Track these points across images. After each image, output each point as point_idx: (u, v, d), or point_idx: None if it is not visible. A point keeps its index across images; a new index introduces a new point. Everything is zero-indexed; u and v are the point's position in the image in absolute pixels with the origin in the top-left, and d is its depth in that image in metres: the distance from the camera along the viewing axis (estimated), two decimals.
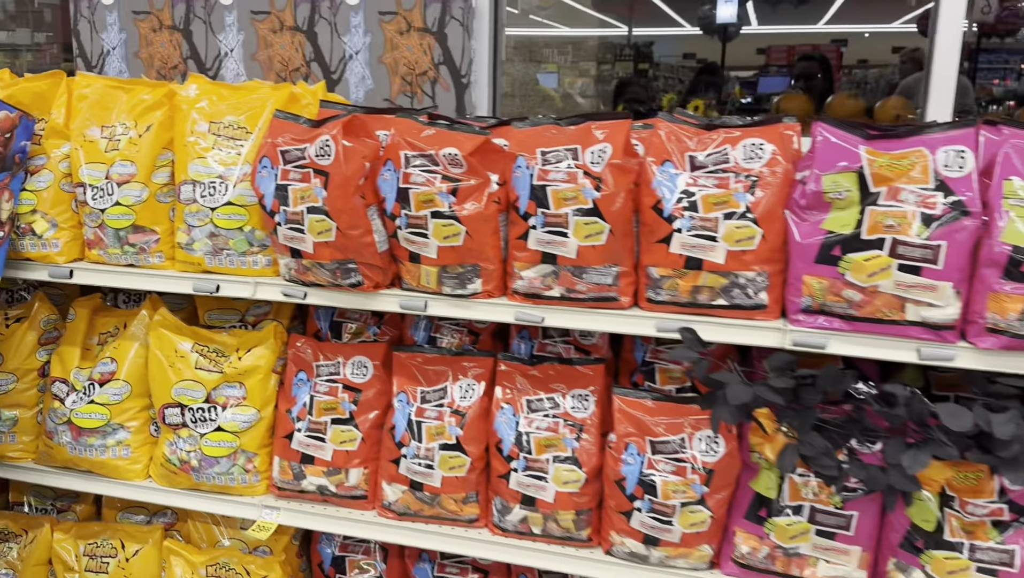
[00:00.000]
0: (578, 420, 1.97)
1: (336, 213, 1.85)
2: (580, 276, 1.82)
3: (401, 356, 2.12)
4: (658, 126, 1.83)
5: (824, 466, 1.69)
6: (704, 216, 1.74)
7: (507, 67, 5.56)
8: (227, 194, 2.03)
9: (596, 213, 1.77)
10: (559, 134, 1.86)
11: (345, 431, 2.11)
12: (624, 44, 11.81)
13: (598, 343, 2.11)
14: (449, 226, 1.85)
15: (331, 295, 2.00)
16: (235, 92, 2.15)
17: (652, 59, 12.09)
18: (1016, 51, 11.94)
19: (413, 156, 1.87)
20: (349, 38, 2.68)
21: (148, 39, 2.88)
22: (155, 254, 2.13)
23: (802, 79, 6.05)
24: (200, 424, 2.16)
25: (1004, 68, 12.04)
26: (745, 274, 1.74)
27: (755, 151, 1.75)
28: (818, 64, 6.08)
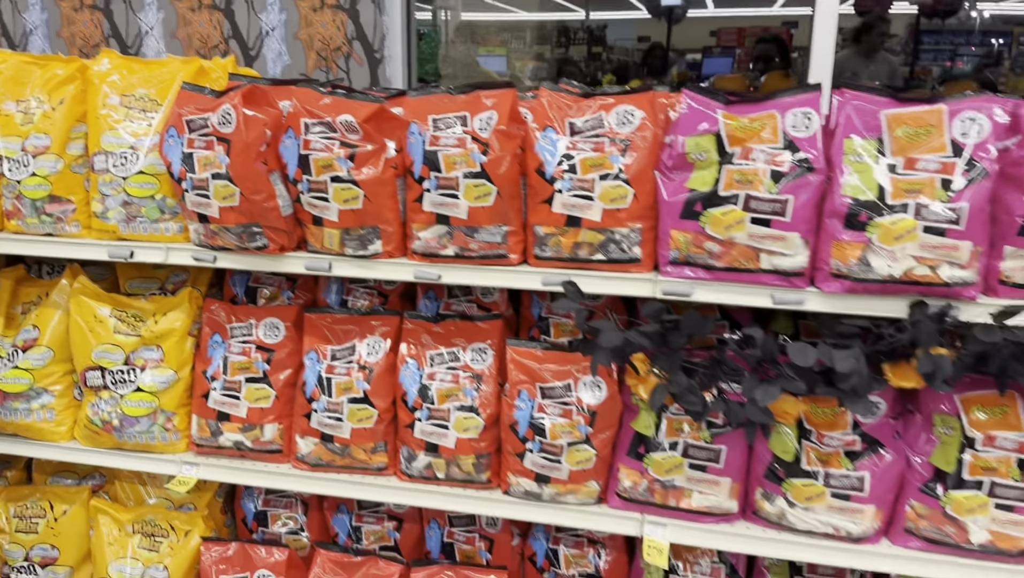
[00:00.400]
0: (477, 371, 2.11)
1: (239, 179, 1.96)
2: (472, 235, 1.95)
3: (312, 317, 2.24)
4: (541, 95, 1.96)
5: (689, 402, 1.85)
6: (582, 177, 1.88)
7: (451, 49, 5.65)
8: (138, 164, 2.12)
9: (484, 176, 1.90)
10: (450, 102, 1.98)
11: (259, 389, 2.22)
12: (579, 28, 11.92)
13: (498, 301, 2.25)
14: (348, 190, 1.97)
15: (239, 258, 2.11)
16: (146, 66, 2.23)
17: (606, 42, 12.22)
18: (960, 32, 12.29)
19: (312, 124, 1.98)
20: (265, 15, 2.77)
21: (70, 18, 2.93)
22: (72, 223, 2.22)
23: (761, 61, 6.20)
24: (120, 385, 2.25)
25: (951, 50, 12.35)
26: (620, 230, 1.89)
27: (627, 117, 1.89)
28: (776, 46, 6.25)
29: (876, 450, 1.88)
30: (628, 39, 14.44)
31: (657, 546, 1.99)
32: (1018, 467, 1.82)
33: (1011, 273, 1.73)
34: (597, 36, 12.13)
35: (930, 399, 1.88)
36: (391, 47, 2.76)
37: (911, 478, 1.90)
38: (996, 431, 1.83)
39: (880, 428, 1.89)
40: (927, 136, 1.71)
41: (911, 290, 1.71)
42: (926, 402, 1.89)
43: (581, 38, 11.89)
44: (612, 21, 13.05)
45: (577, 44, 11.83)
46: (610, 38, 12.54)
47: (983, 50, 11.06)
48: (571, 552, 2.28)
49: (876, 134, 1.75)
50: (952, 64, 11.66)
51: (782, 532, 1.96)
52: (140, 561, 2.40)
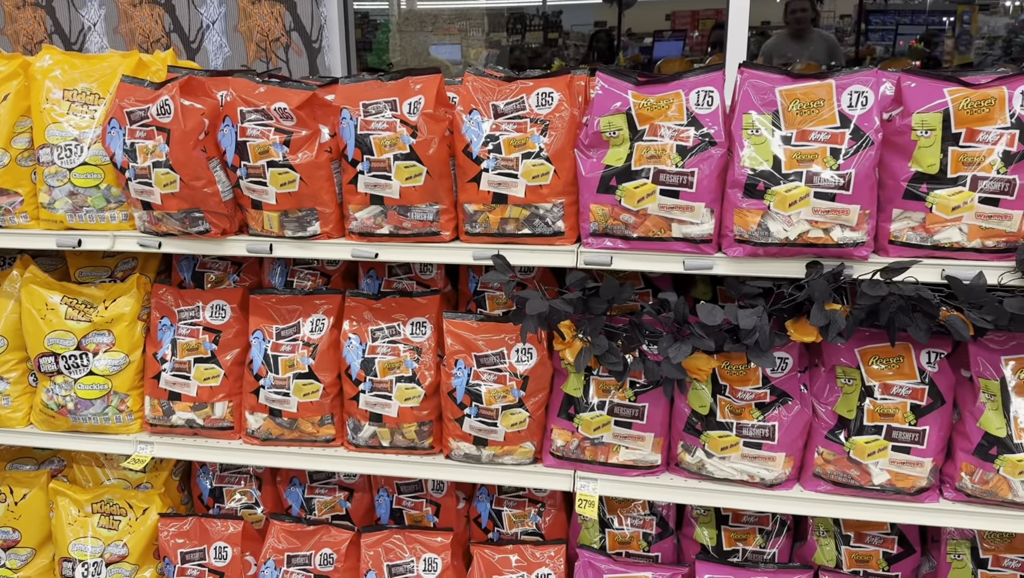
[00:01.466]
0: (417, 344, 2.23)
1: (179, 166, 2.05)
2: (405, 214, 2.07)
3: (257, 298, 2.34)
4: (467, 80, 2.08)
5: (611, 363, 1.98)
6: (506, 157, 2.00)
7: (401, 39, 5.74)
8: (83, 155, 2.20)
9: (414, 157, 2.01)
10: (380, 88, 2.09)
11: (208, 369, 2.32)
12: (535, 14, 12.00)
13: (436, 277, 2.37)
14: (285, 174, 2.07)
15: (183, 243, 2.20)
16: (87, 61, 2.30)
17: (562, 28, 12.31)
18: (907, 11, 12.57)
19: (248, 112, 2.07)
20: (205, 9, 2.85)
21: (12, 16, 2.98)
22: (20, 215, 2.29)
23: (719, 47, 6.35)
24: (73, 370, 2.34)
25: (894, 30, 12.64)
26: (543, 205, 2.01)
27: (546, 99, 2.01)
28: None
29: (785, 402, 2.04)
30: (585, 25, 14.55)
31: (589, 499, 2.13)
32: (912, 412, 1.98)
33: (899, 233, 1.88)
34: (553, 22, 12.19)
35: (832, 353, 2.04)
36: (329, 37, 2.85)
37: (818, 427, 2.06)
38: (893, 381, 1.99)
39: (788, 381, 2.05)
40: (818, 109, 1.86)
41: (807, 252, 1.86)
42: (829, 356, 2.05)
43: (537, 24, 11.95)
44: (568, 7, 13.17)
45: (533, 31, 11.90)
46: (566, 24, 12.63)
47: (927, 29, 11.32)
48: (513, 512, 2.42)
49: (772, 109, 1.89)
50: (895, 43, 11.94)
51: (703, 481, 2.11)
52: (100, 539, 2.49)
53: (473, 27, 8.87)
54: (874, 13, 12.59)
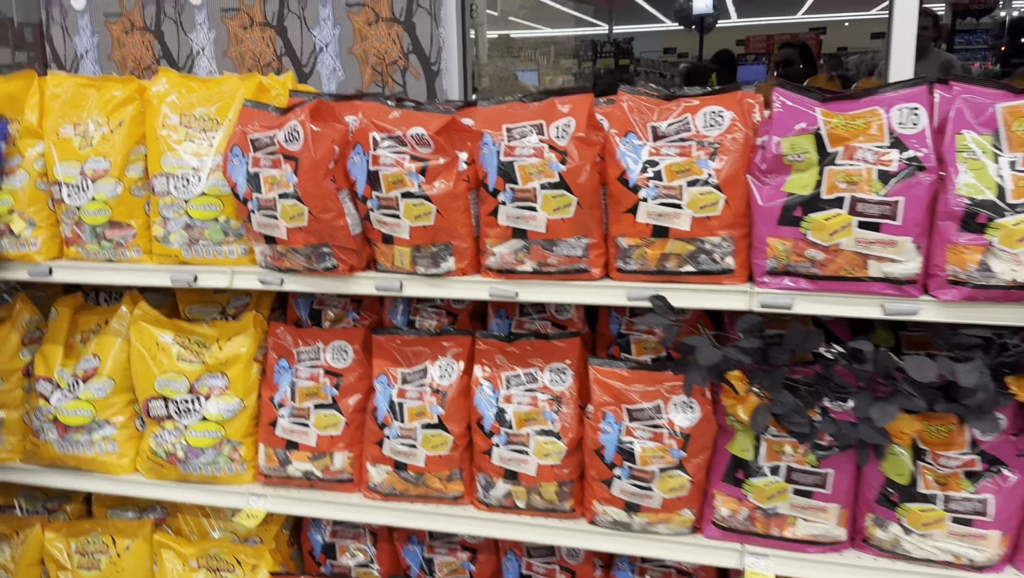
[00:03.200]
0: (556, 393, 2.00)
1: (307, 197, 1.88)
2: (551, 249, 1.85)
3: (380, 339, 2.15)
4: (621, 99, 1.86)
5: (796, 424, 1.72)
6: (668, 184, 1.77)
7: (487, 66, 5.57)
8: (200, 185, 2.05)
9: (563, 186, 1.79)
10: (524, 111, 1.89)
11: (328, 416, 2.13)
12: (604, 41, 11.90)
13: (573, 318, 2.14)
14: (420, 206, 1.87)
15: (307, 280, 2.03)
16: (205, 85, 2.17)
17: (632, 55, 12.19)
18: (992, 31, 12.02)
19: (381, 138, 1.89)
20: (319, 31, 2.71)
21: (120, 41, 2.90)
22: (132, 248, 2.15)
23: (782, 65, 6.07)
24: (184, 415, 2.18)
25: (983, 49, 12.11)
26: (711, 240, 1.77)
27: (715, 119, 1.78)
28: (798, 51, 6.11)
29: (999, 470, 1.74)
30: (654, 51, 14.38)
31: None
32: None
33: None
34: (624, 49, 12.06)
35: None
36: (447, 59, 2.67)
37: None
38: None
39: (1001, 446, 1.75)
40: None
41: None
42: None
43: (608, 51, 11.82)
44: (638, 34, 13.00)
45: (604, 57, 11.76)
46: (636, 51, 12.49)
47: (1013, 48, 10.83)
48: None
49: (991, 128, 1.62)
50: (982, 64, 11.40)
51: (897, 561, 1.81)
52: None
53: (541, 54, 8.73)
54: (960, 33, 12.07)
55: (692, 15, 11.02)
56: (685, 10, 11.07)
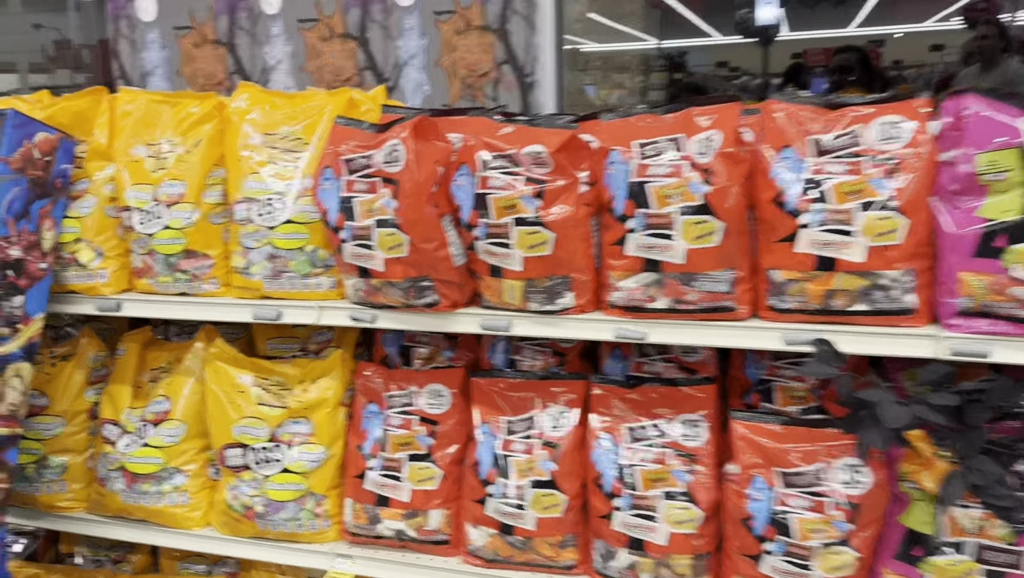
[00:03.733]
0: (689, 449, 1.73)
1: (408, 225, 1.65)
2: (690, 284, 1.59)
3: (481, 382, 1.91)
4: (772, 108, 1.59)
5: (997, 497, 1.42)
6: (836, 208, 1.50)
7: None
8: (286, 211, 1.84)
9: (707, 210, 1.54)
10: (657, 124, 1.64)
11: (423, 468, 1.89)
12: (657, 55, 11.67)
13: (704, 360, 1.87)
14: (535, 234, 1.63)
15: (404, 317, 1.79)
16: (289, 101, 1.96)
17: (686, 68, 11.94)
18: None
19: (491, 158, 1.66)
20: (403, 42, 2.50)
21: (191, 55, 2.73)
22: (209, 281, 1.95)
23: (838, 72, 5.54)
24: (264, 465, 1.96)
25: None
26: (888, 274, 1.49)
27: (892, 130, 1.51)
28: (856, 56, 5.58)
29: None
30: (705, 65, 14.08)
31: None
32: None
33: None
34: (677, 62, 11.82)
35: None
36: (543, 70, 2.44)
37: None
38: None
39: None
40: None
41: None
42: None
43: (661, 65, 11.58)
44: (690, 47, 12.72)
45: (657, 71, 11.51)
46: (690, 64, 12.23)
47: None
48: None
49: None
50: None
51: None
52: None
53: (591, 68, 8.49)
54: None
55: (755, 27, 10.69)
56: (747, 22, 10.74)
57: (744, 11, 10.66)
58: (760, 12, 10.42)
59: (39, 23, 6.53)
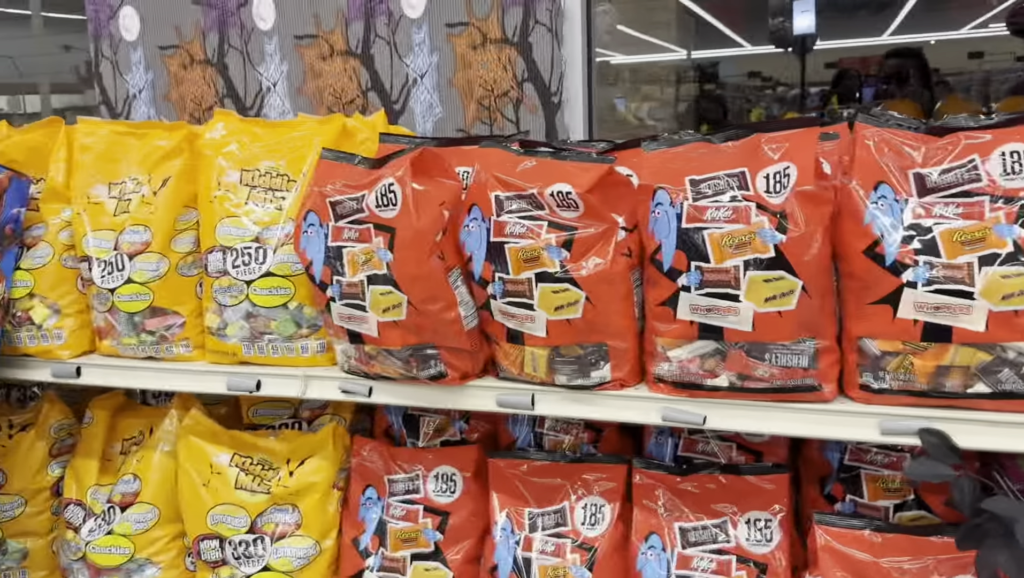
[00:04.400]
0: (758, 557, 1.40)
1: (407, 282, 1.34)
2: (761, 357, 1.26)
3: (499, 464, 1.59)
4: (860, 133, 1.26)
5: None
6: (948, 263, 1.16)
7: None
8: (266, 262, 1.54)
9: (782, 264, 1.21)
10: (712, 155, 1.32)
11: (430, 569, 1.58)
12: (688, 66, 11.38)
13: (772, 440, 1.54)
14: (563, 292, 1.32)
15: (405, 390, 1.49)
16: (273, 130, 1.67)
17: (718, 79, 11.63)
18: None
19: (508, 198, 1.35)
20: (412, 59, 2.20)
21: (178, 77, 2.45)
22: (180, 343, 1.66)
23: (892, 81, 5.08)
24: (244, 561, 1.65)
25: None
26: (1018, 346, 1.16)
27: (1020, 163, 1.17)
28: (913, 61, 5.13)
29: None
30: (735, 75, 13.74)
31: None
32: None
33: None
34: (709, 73, 11.51)
35: None
36: (571, 88, 2.13)
37: None
38: None
39: None
40: None
41: None
42: None
43: (691, 76, 11.27)
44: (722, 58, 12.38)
45: (686, 82, 11.21)
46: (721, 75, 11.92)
47: None
48: None
49: None
50: None
51: None
52: None
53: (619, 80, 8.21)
54: None
55: (792, 36, 10.32)
56: (782, 31, 10.38)
57: (779, 20, 10.30)
58: (797, 21, 10.06)
59: (69, 44, 6.43)
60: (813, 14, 10.14)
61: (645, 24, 8.17)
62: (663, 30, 9.46)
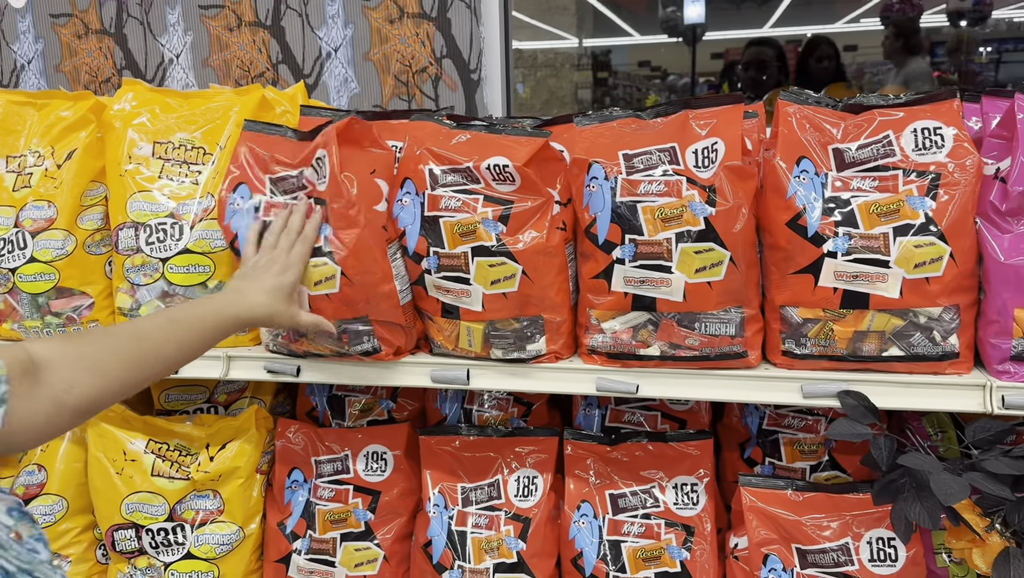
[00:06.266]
0: (684, 520, 1.45)
1: (341, 254, 1.31)
2: (691, 326, 1.30)
3: (430, 441, 1.58)
4: (782, 109, 1.32)
5: None
6: (866, 233, 1.23)
7: None
8: (183, 238, 1.48)
9: (711, 237, 1.25)
10: (642, 130, 1.35)
11: (361, 549, 1.56)
12: (581, 54, 11.52)
13: (695, 408, 1.59)
14: (500, 266, 1.32)
15: (335, 368, 1.46)
16: (186, 101, 1.60)
17: (611, 68, 11.83)
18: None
19: (442, 172, 1.34)
20: (326, 31, 2.14)
21: (72, 48, 2.31)
22: (89, 325, 1.57)
23: (753, 68, 5.21)
24: (163, 550, 1.59)
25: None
26: (927, 311, 1.24)
27: (930, 137, 1.25)
28: (772, 50, 5.28)
29: None
30: (626, 64, 14.03)
31: None
32: None
33: None
34: (602, 62, 11.71)
35: None
36: (489, 65, 2.13)
37: None
38: None
39: None
40: None
41: None
42: None
43: (584, 64, 11.43)
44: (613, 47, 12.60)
45: (581, 70, 11.37)
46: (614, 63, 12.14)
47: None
48: None
49: None
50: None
51: None
52: None
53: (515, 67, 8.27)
54: None
55: (682, 25, 10.61)
56: (672, 20, 10.65)
57: (670, 9, 10.56)
58: (688, 11, 10.33)
59: None
60: (703, 4, 10.44)
61: (539, 10, 8.23)
62: (557, 17, 9.55)
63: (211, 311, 1.14)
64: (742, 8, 12.25)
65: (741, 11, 12.79)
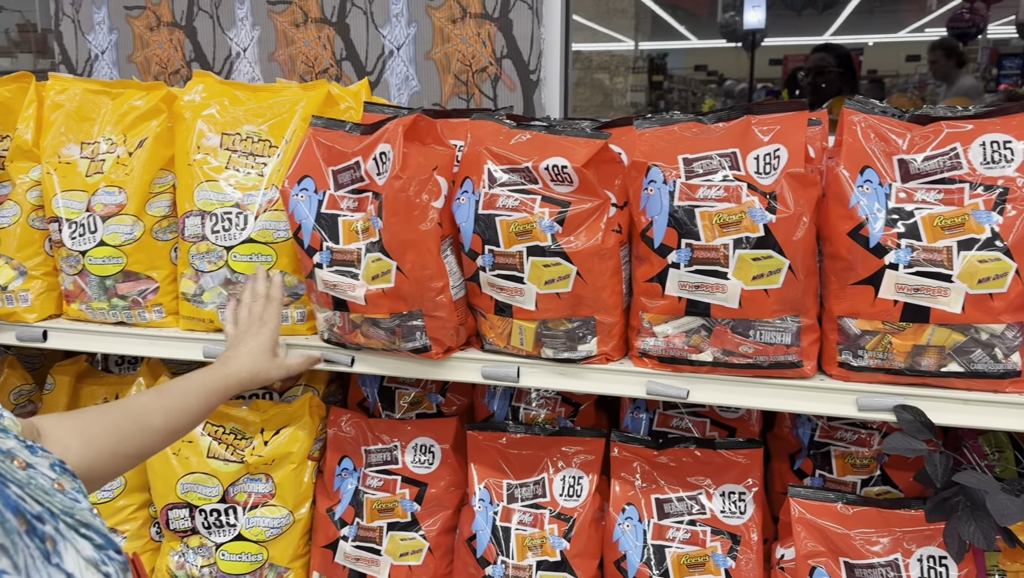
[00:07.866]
0: (731, 528, 1.44)
1: (400, 249, 1.34)
2: (745, 333, 1.29)
3: (478, 437, 1.60)
4: (847, 118, 1.30)
5: None
6: (929, 246, 1.21)
7: None
8: (247, 228, 1.52)
9: (770, 244, 1.24)
10: (703, 135, 1.34)
11: (407, 540, 1.58)
12: (637, 57, 11.47)
13: (745, 416, 1.58)
14: (554, 266, 1.33)
15: (387, 362, 1.48)
16: (254, 94, 1.64)
17: (666, 71, 11.76)
18: None
19: (501, 171, 1.35)
20: (389, 30, 2.18)
21: (144, 39, 2.38)
22: (152, 308, 1.62)
23: (815, 75, 5.09)
24: (215, 530, 1.63)
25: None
26: (990, 328, 1.21)
27: (1000, 152, 1.22)
28: (835, 57, 5.15)
29: None
30: (682, 68, 13.93)
31: None
32: None
33: None
34: (658, 65, 11.64)
35: None
36: (548, 66, 2.14)
37: None
38: None
39: None
40: None
41: None
42: None
43: (640, 67, 11.38)
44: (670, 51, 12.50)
45: (637, 73, 11.32)
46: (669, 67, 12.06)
47: None
48: None
49: None
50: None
51: None
52: None
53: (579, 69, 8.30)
54: None
55: (741, 30, 10.49)
56: (732, 25, 10.54)
57: (729, 15, 10.45)
58: (748, 16, 10.21)
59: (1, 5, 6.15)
60: (764, 9, 10.31)
61: (594, 13, 8.21)
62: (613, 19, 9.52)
63: (198, 381, 1.16)
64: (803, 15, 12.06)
65: (802, 17, 12.58)
